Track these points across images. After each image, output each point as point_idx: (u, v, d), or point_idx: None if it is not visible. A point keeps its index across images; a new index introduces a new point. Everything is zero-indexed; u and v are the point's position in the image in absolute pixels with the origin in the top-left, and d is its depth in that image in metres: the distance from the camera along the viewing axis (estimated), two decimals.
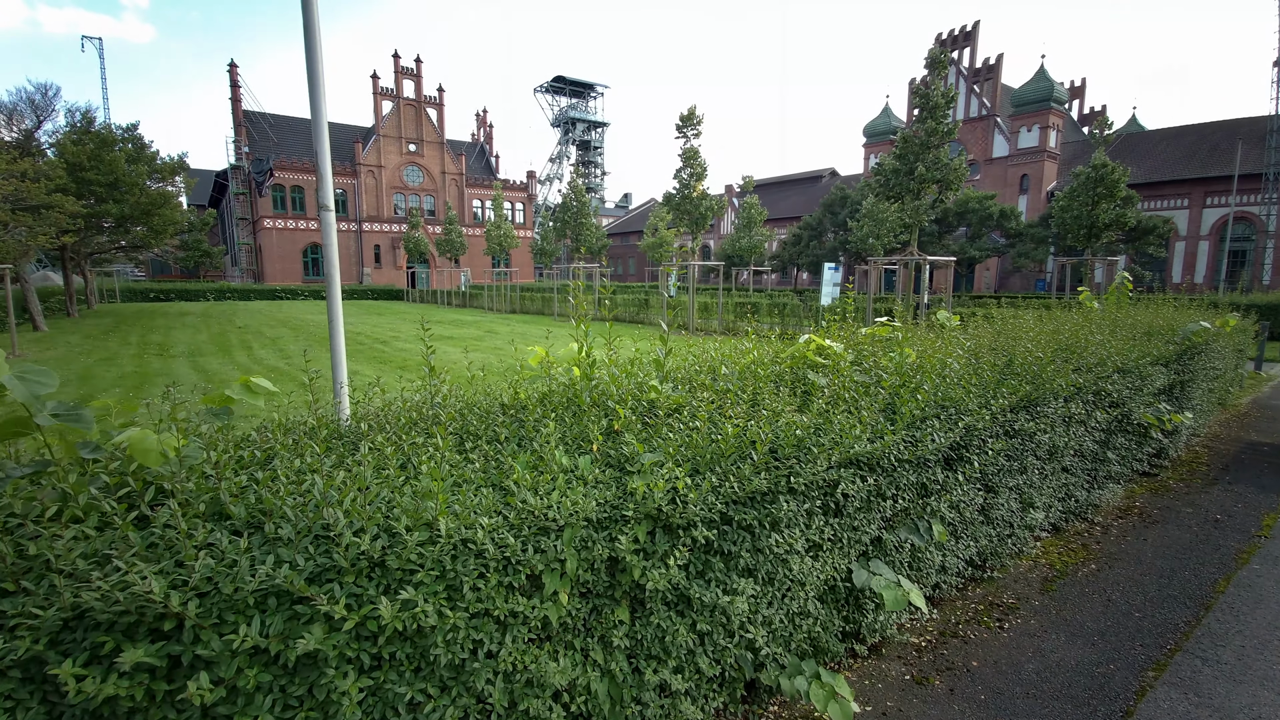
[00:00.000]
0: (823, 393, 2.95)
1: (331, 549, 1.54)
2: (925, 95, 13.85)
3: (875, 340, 4.27)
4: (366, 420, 2.39)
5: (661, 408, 2.52)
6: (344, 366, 5.02)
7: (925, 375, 3.13)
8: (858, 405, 2.82)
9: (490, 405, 2.65)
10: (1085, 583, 4.48)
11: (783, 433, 2.42)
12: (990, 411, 3.27)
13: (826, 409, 2.72)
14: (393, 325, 25.61)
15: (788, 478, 2.38)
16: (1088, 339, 4.87)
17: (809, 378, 3.19)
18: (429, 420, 2.36)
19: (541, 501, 1.89)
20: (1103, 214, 21.21)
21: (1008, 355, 4.09)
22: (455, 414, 2.49)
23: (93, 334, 21.03)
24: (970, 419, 3.08)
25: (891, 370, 3.27)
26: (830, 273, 20.63)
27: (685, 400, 2.69)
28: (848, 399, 2.90)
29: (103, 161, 20.50)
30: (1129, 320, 6.47)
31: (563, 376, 3.02)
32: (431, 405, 2.48)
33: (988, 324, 5.85)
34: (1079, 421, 4.40)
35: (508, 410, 2.67)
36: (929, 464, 3.09)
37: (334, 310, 5.13)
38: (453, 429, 2.39)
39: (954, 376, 3.40)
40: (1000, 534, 4.00)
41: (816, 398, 2.92)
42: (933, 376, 3.14)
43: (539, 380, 3.04)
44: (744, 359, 3.13)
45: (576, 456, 2.24)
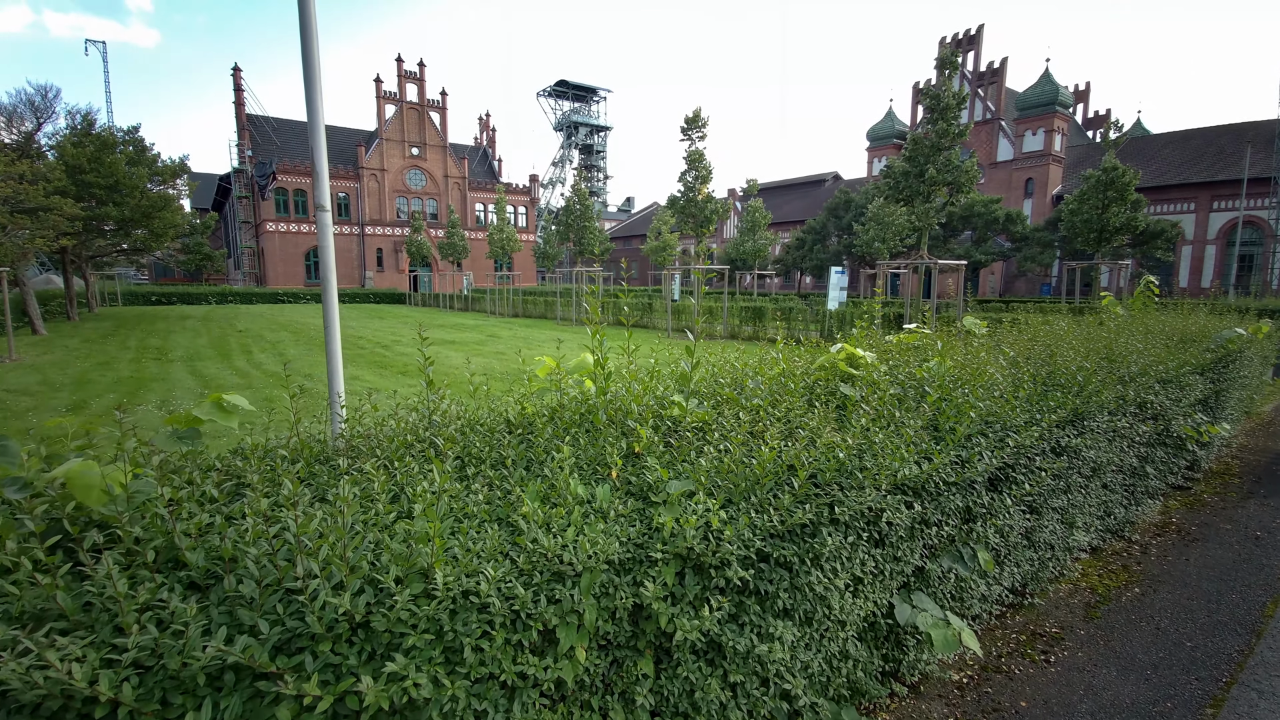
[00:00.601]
0: (859, 408, 2.67)
1: (304, 609, 1.26)
2: (936, 97, 13.61)
3: (904, 348, 4.00)
4: (357, 441, 2.12)
5: (686, 427, 2.24)
6: (340, 379, 4.73)
7: (972, 389, 2.85)
8: (898, 422, 2.55)
9: (495, 423, 2.38)
10: (1131, 608, 4.19)
11: (824, 456, 2.14)
12: (1040, 428, 2.99)
13: (867, 427, 2.44)
14: (394, 329, 25.38)
15: (830, 507, 2.10)
16: (1127, 347, 4.59)
17: (841, 390, 2.92)
18: (426, 442, 2.09)
19: (555, 542, 1.62)
20: (1113, 217, 20.91)
21: (1048, 365, 3.81)
22: (456, 434, 2.22)
23: (91, 338, 20.83)
24: (1020, 437, 2.81)
25: (933, 383, 2.99)
26: (837, 276, 20.35)
27: (711, 417, 2.42)
28: (887, 415, 2.63)
29: (103, 164, 20.34)
30: (1161, 327, 6.19)
31: (574, 389, 2.75)
32: (428, 425, 2.20)
33: (1014, 330, 5.57)
34: (1123, 435, 4.11)
35: (514, 429, 2.40)
36: (975, 486, 2.82)
37: (330, 316, 4.87)
38: (453, 452, 2.13)
39: (998, 390, 3.12)
40: (1042, 557, 3.72)
41: (853, 413, 2.64)
42: (978, 390, 2.86)
43: (548, 393, 2.77)
44: (772, 369, 2.86)
45: (593, 484, 1.96)
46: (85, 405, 10.10)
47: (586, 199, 32.33)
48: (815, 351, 3.62)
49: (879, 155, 57.17)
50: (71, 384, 12.33)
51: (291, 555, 1.36)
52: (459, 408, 2.57)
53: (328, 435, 2.37)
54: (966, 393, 2.75)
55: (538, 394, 2.83)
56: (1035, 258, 36.15)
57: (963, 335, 4.95)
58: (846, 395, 2.88)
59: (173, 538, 1.41)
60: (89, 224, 21.64)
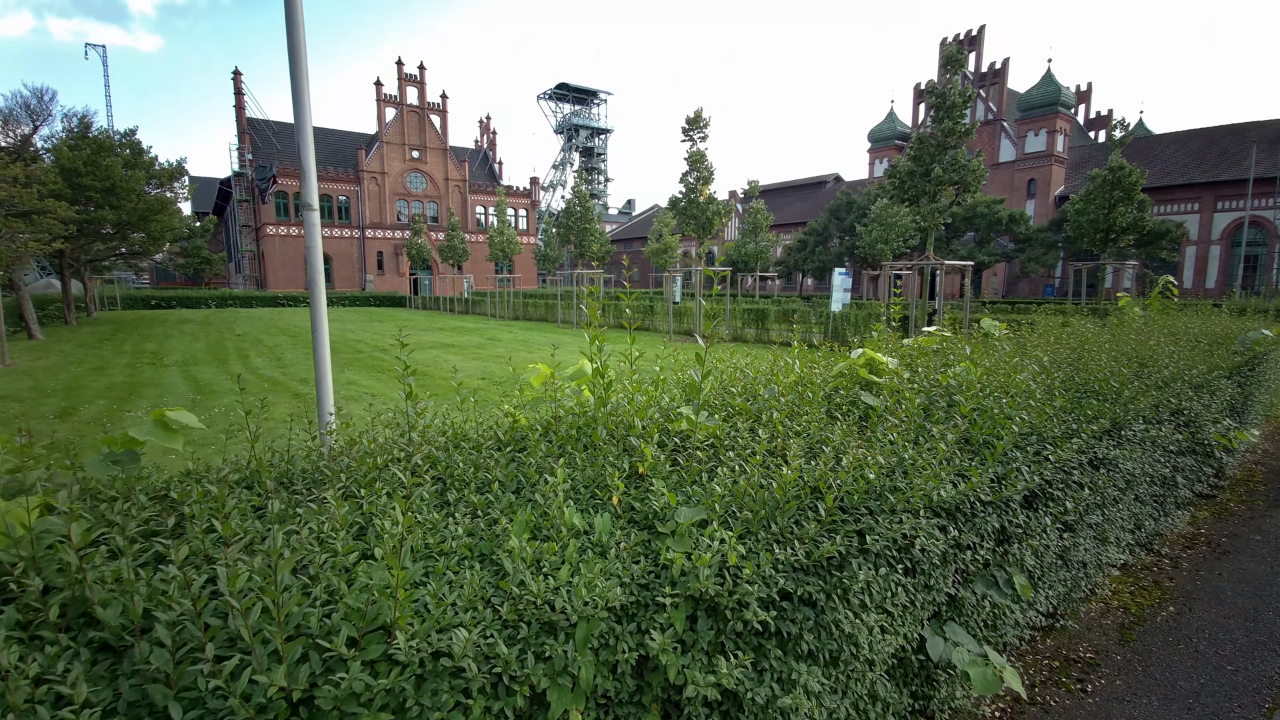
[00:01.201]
0: (884, 419, 2.43)
1: (227, 688, 1.02)
2: (942, 95, 13.38)
3: (924, 352, 3.76)
4: (322, 464, 1.88)
5: (695, 444, 2.00)
6: (330, 394, 4.43)
7: (1008, 398, 2.60)
8: (929, 435, 2.30)
9: (483, 438, 2.14)
10: (1167, 629, 3.93)
11: (851, 476, 1.90)
12: (1081, 439, 2.74)
13: (896, 442, 2.20)
14: (393, 333, 25.16)
15: (860, 536, 1.85)
16: (1158, 350, 4.34)
17: (863, 399, 2.67)
18: (402, 462, 1.85)
19: (546, 584, 1.37)
20: (1120, 217, 20.64)
21: (1079, 370, 3.56)
22: (439, 452, 1.98)
23: (88, 342, 20.63)
24: (1061, 451, 2.56)
25: (961, 390, 2.74)
26: (841, 278, 20.10)
27: (723, 431, 2.18)
28: (915, 426, 2.38)
29: (99, 167, 20.14)
30: (1185, 329, 5.93)
31: (571, 399, 2.51)
32: (407, 442, 1.96)
33: (1034, 332, 5.33)
34: (1157, 444, 3.86)
35: (505, 445, 2.15)
36: (1010, 505, 2.57)
37: (319, 322, 4.61)
38: (434, 472, 1.88)
39: (1032, 398, 2.88)
40: (1075, 577, 3.47)
41: (877, 426, 2.40)
42: (1015, 399, 2.61)
43: (543, 404, 2.53)
44: (787, 377, 2.61)
45: (592, 511, 1.72)
46: (74, 412, 9.88)
47: (587, 201, 32.14)
48: (831, 356, 3.38)
49: (880, 157, 56.99)
50: (63, 390, 12.10)
51: (224, 612, 1.12)
52: (444, 421, 2.33)
53: (307, 453, 2.13)
54: (1003, 402, 2.50)
55: (532, 404, 2.59)
56: (1039, 259, 35.89)
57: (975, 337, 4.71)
58: (869, 405, 2.63)
59: (84, 588, 1.17)
60: (85, 227, 21.45)
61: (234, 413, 9.50)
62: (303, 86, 4.70)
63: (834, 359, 3.26)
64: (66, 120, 22.19)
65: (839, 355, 3.29)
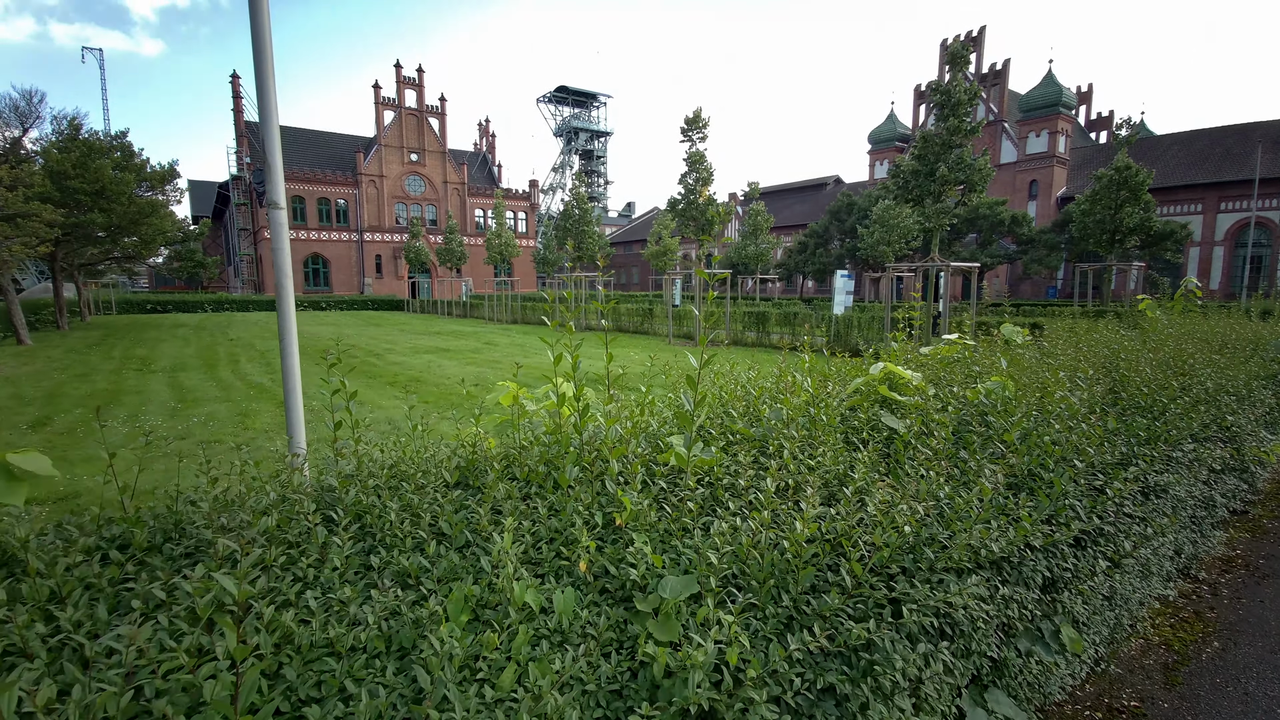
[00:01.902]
0: (911, 447, 2.06)
1: None
2: (947, 92, 13.03)
3: (944, 363, 3.38)
4: (196, 513, 1.50)
5: (687, 485, 1.63)
6: (301, 422, 3.98)
7: (1059, 420, 2.23)
8: (965, 466, 1.93)
9: (431, 476, 1.77)
10: (1213, 669, 3.55)
11: (882, 527, 1.52)
12: (1138, 466, 2.37)
13: (929, 477, 1.82)
14: (390, 337, 24.83)
15: (895, 606, 1.48)
16: (1197, 359, 3.97)
17: (884, 422, 2.30)
18: (317, 515, 1.47)
19: (480, 700, 1.00)
20: (1127, 218, 20.27)
21: (1117, 383, 3.19)
22: (374, 496, 1.60)
23: (77, 347, 20.26)
24: (1119, 483, 2.18)
25: (995, 409, 2.37)
26: (843, 280, 19.74)
27: (722, 465, 1.81)
28: (946, 453, 2.01)
29: (88, 169, 19.81)
30: (1215, 334, 5.56)
31: (544, 421, 2.14)
32: (324, 489, 1.59)
33: (1055, 337, 4.96)
34: (1202, 463, 3.49)
35: (457, 485, 1.78)
36: (1060, 548, 2.19)
37: (287, 332, 4.21)
38: (361, 525, 1.51)
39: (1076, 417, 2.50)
40: (1118, 617, 3.09)
41: (904, 456, 2.03)
42: (1062, 420, 2.24)
43: (510, 427, 2.16)
44: (796, 396, 2.24)
45: (554, 581, 1.35)
46: (49, 422, 9.50)
47: (585, 203, 31.80)
48: (842, 366, 3.01)
49: (880, 158, 56.72)
50: (43, 397, 11.73)
51: None
52: (392, 454, 1.96)
53: (223, 492, 1.76)
54: (1053, 428, 2.12)
55: (498, 427, 2.22)
56: (1042, 260, 35.52)
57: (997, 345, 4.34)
58: (892, 428, 2.26)
59: None
60: (75, 231, 21.11)
61: (214, 423, 9.13)
62: (268, 79, 4.35)
63: (845, 369, 2.89)
64: (56, 122, 21.88)
65: (852, 367, 2.92)
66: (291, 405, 3.99)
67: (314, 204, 55.48)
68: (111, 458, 1.53)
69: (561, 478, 1.57)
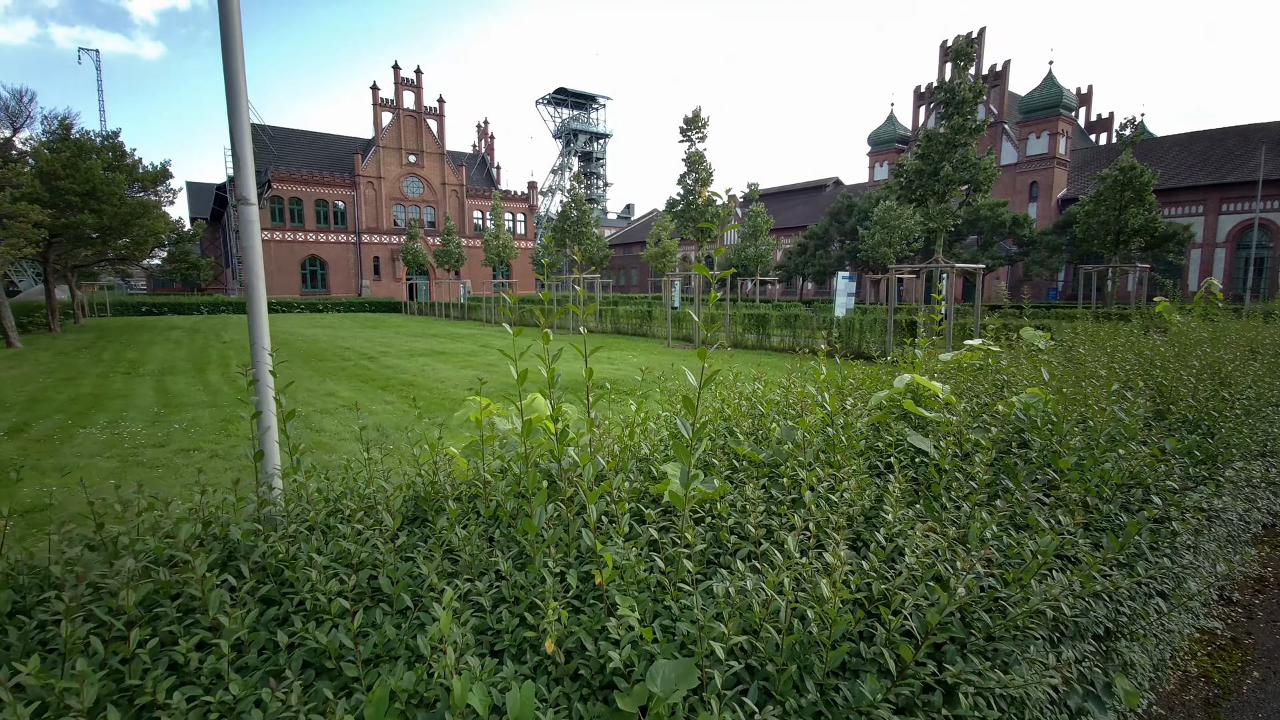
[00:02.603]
0: (948, 474, 1.76)
1: None
2: (951, 90, 12.76)
3: (968, 370, 3.09)
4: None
5: (684, 530, 1.33)
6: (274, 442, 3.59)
7: (1102, 439, 1.93)
8: (1014, 499, 1.64)
9: (376, 516, 1.47)
10: (1256, 702, 3.25)
11: (928, 586, 1.23)
12: (1203, 492, 2.08)
13: (972, 514, 1.53)
14: (386, 339, 24.53)
15: (946, 689, 1.18)
16: (1233, 367, 3.67)
17: (910, 442, 2.01)
18: (216, 570, 1.17)
19: None
20: (1132, 218, 20.00)
21: (1157, 393, 2.90)
22: (284, 542, 1.30)
23: (67, 350, 19.95)
24: (1186, 517, 1.89)
25: (1034, 426, 2.08)
26: (844, 282, 19.48)
27: (725, 501, 1.51)
28: (988, 484, 1.72)
29: (78, 170, 19.51)
30: (1243, 338, 5.28)
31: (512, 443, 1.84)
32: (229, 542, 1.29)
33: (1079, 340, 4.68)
34: (1247, 481, 3.20)
35: (411, 523, 1.48)
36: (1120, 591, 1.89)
37: (258, 337, 3.89)
38: (281, 581, 1.21)
39: (1123, 432, 2.21)
40: (1163, 652, 2.80)
41: (938, 487, 1.73)
42: (1113, 438, 1.94)
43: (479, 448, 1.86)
44: (810, 414, 1.95)
45: (511, 662, 1.05)
46: (26, 428, 9.19)
47: (584, 204, 31.54)
48: (855, 374, 2.71)
49: (880, 160, 56.53)
50: (25, 402, 11.42)
51: None
52: (337, 486, 1.66)
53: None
54: (1110, 451, 1.83)
55: (466, 449, 1.92)
56: (1043, 262, 35.28)
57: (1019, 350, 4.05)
58: (920, 449, 1.96)
59: None
60: (65, 232, 20.81)
61: (195, 429, 8.81)
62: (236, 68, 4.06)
63: (861, 379, 2.60)
64: (47, 122, 21.60)
65: (866, 375, 2.62)
66: (264, 423, 3.65)
67: (311, 205, 55.22)
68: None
69: (528, 524, 1.27)
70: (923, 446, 1.99)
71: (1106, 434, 2.02)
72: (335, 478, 1.74)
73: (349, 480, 1.65)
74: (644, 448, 1.70)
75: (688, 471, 1.25)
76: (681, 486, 1.27)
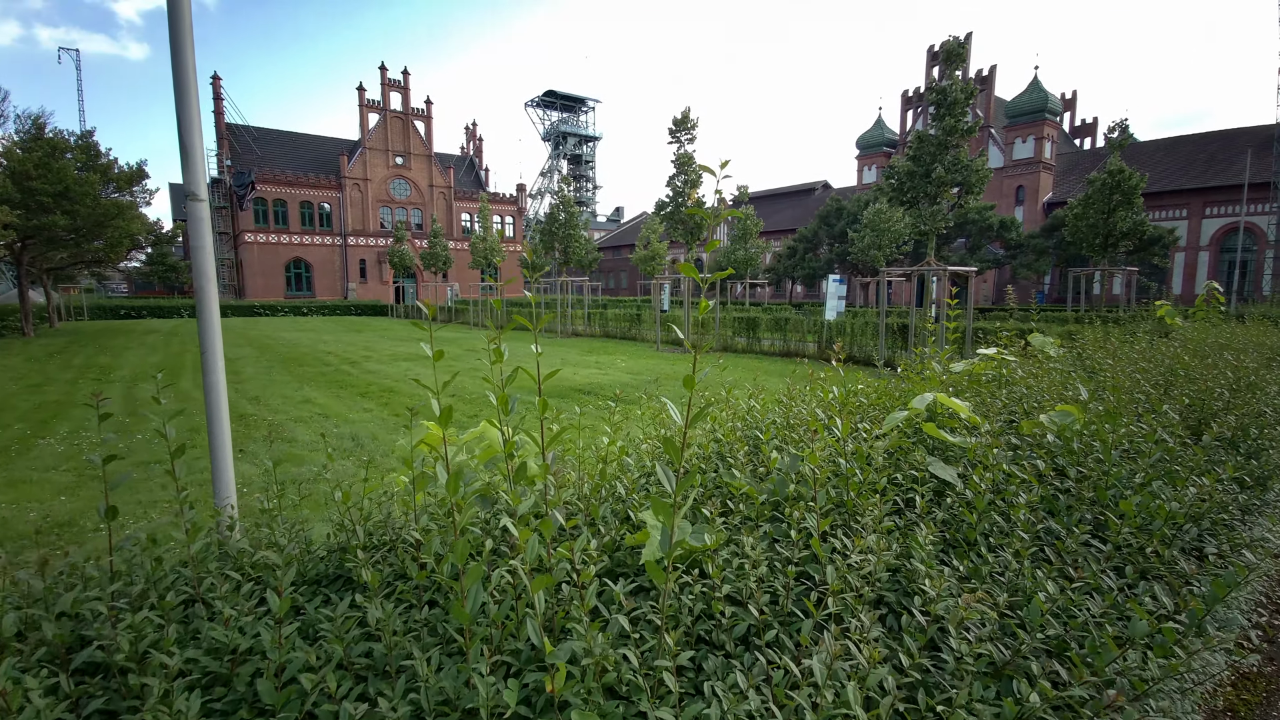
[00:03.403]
0: (984, 514, 1.48)
1: None
2: (943, 91, 12.61)
3: (986, 384, 2.82)
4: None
5: (665, 610, 1.03)
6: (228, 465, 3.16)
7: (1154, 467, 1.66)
8: (1060, 545, 1.36)
9: (279, 576, 1.15)
10: None
11: (983, 682, 0.94)
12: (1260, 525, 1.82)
13: (1020, 570, 1.24)
14: (369, 343, 24.05)
15: None
16: (1259, 375, 3.44)
17: (932, 472, 1.72)
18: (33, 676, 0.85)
19: None
20: (1120, 221, 20.04)
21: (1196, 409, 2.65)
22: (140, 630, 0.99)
23: (38, 356, 19.31)
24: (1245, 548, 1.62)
25: (1070, 451, 1.81)
26: (835, 285, 19.32)
27: (718, 558, 1.21)
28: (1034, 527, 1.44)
29: (51, 170, 18.91)
30: (1253, 343, 5.08)
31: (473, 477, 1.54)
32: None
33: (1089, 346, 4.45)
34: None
35: (332, 583, 1.17)
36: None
37: (210, 346, 3.49)
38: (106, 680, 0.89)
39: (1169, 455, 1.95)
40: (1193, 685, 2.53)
41: (976, 530, 1.45)
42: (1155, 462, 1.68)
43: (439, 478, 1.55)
44: (817, 442, 1.66)
45: None
46: None
47: (571, 206, 31.22)
48: (864, 388, 2.43)
49: (869, 163, 56.77)
50: None
51: None
52: (240, 536, 1.34)
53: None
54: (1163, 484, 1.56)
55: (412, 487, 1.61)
56: (1031, 265, 35.44)
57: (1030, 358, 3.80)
58: (945, 480, 1.68)
59: None
60: (37, 233, 20.17)
61: (159, 441, 8.39)
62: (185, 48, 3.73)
63: (870, 394, 2.32)
64: (20, 121, 20.97)
65: (878, 392, 2.34)
66: (217, 444, 3.25)
67: (297, 207, 54.44)
68: None
69: (458, 610, 0.96)
70: (947, 478, 1.71)
71: (1156, 461, 1.75)
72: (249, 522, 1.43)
73: (251, 528, 1.33)
74: (620, 486, 1.40)
75: (670, 537, 0.95)
76: (664, 552, 0.96)
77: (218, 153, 54.50)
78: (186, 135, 3.81)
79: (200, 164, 3.81)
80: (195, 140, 3.82)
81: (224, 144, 54.34)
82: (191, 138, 3.80)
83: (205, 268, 3.67)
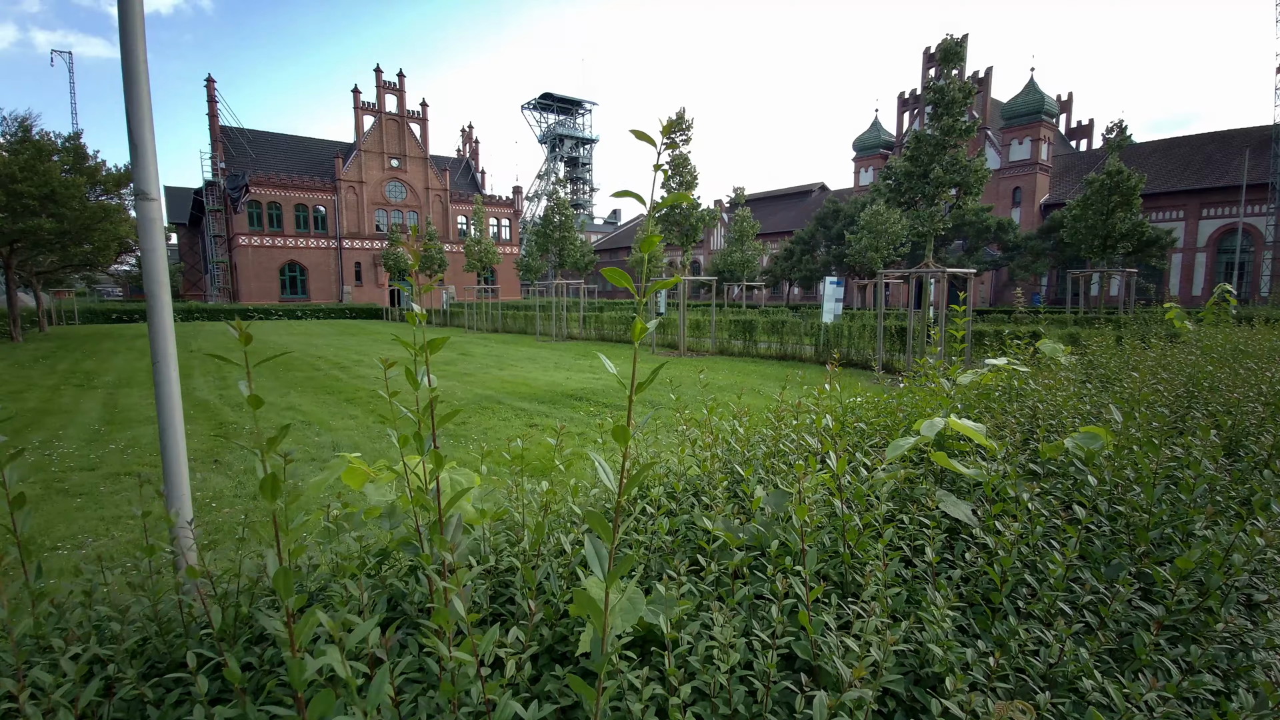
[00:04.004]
0: (1018, 572, 1.24)
1: None
2: (941, 90, 12.42)
3: (998, 400, 2.58)
4: None
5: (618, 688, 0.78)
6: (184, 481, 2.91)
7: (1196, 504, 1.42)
8: (1105, 611, 1.11)
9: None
10: None
11: None
12: None
13: (1061, 643, 0.99)
14: (362, 347, 23.78)
15: None
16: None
17: (945, 508, 1.48)
18: None
19: None
20: (1119, 223, 19.87)
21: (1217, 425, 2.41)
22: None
23: (23, 361, 18.98)
24: None
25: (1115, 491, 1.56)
26: (832, 287, 19.09)
27: (685, 627, 0.96)
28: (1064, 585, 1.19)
29: (36, 172, 18.62)
30: (1266, 347, 4.85)
31: (402, 519, 1.29)
32: None
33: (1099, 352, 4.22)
34: None
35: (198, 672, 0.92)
36: None
37: (162, 355, 3.24)
38: None
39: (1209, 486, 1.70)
40: None
41: (1000, 595, 1.20)
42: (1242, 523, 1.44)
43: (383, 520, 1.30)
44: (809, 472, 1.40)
45: None
46: None
47: (567, 209, 30.99)
48: (864, 405, 2.19)
49: (865, 165, 56.68)
50: None
51: None
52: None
53: None
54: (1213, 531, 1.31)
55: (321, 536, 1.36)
56: (1028, 266, 35.31)
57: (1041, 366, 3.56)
58: (959, 521, 1.44)
59: None
60: (24, 237, 19.86)
61: (132, 450, 8.09)
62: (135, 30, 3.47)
63: (869, 413, 2.07)
64: (5, 123, 20.68)
65: (878, 409, 2.10)
66: (170, 459, 2.99)
67: (291, 210, 54.15)
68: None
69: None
70: (961, 517, 1.46)
71: (1201, 494, 1.51)
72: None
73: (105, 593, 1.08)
74: (565, 541, 1.15)
75: (601, 643, 0.69)
76: (595, 662, 0.70)
77: (212, 155, 54.17)
78: (136, 130, 3.52)
79: (151, 161, 3.54)
80: (146, 135, 3.54)
81: (218, 146, 54.03)
82: (142, 132, 3.52)
83: (158, 273, 3.39)
